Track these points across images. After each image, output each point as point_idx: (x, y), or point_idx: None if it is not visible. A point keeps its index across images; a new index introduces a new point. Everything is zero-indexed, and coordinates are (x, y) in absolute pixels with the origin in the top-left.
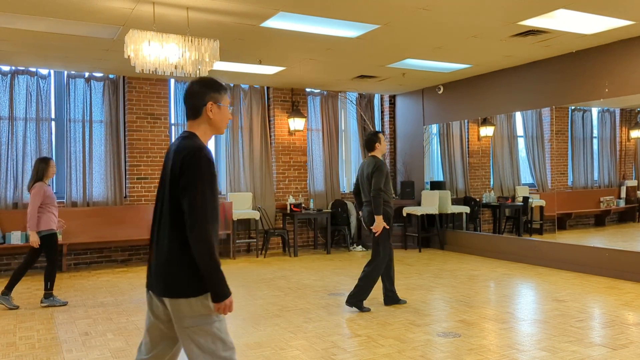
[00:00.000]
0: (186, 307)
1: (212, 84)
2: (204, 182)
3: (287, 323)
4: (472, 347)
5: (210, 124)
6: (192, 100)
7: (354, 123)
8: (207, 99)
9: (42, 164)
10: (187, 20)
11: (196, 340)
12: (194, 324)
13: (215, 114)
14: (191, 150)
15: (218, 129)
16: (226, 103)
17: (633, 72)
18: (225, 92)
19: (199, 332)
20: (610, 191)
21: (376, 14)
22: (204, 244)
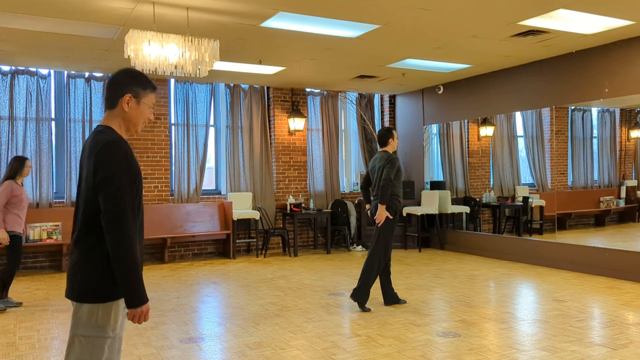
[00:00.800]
0: (86, 313)
1: (137, 77)
2: (120, 177)
3: (287, 323)
4: (472, 347)
5: (124, 118)
6: (111, 88)
7: (354, 123)
8: (126, 90)
9: (16, 163)
10: (187, 20)
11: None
12: (86, 332)
13: (131, 108)
14: (105, 144)
15: (132, 126)
16: (148, 102)
17: (633, 72)
18: (151, 90)
19: (87, 344)
20: (610, 191)
21: (376, 14)
22: (120, 242)
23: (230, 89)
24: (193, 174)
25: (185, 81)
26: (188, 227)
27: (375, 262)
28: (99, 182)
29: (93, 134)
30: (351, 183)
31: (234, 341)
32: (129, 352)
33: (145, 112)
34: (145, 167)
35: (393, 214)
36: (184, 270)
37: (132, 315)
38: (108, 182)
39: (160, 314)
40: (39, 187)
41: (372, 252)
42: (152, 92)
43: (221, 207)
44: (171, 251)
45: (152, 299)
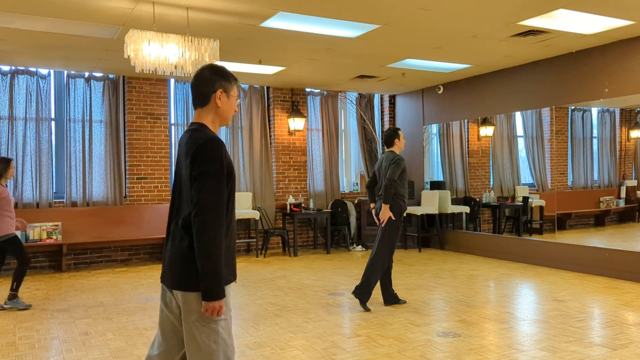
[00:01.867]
0: (196, 301)
1: (223, 71)
2: (215, 176)
3: (287, 323)
4: (472, 347)
5: (218, 113)
6: (202, 86)
7: (354, 123)
8: (217, 86)
9: (1, 164)
10: (187, 20)
11: (198, 337)
12: (200, 319)
13: (223, 103)
14: (203, 142)
15: (225, 120)
16: (235, 94)
17: (633, 72)
18: (235, 82)
19: (203, 328)
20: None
21: (376, 14)
22: (206, 237)
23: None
24: None
25: (185, 81)
26: None
27: (380, 261)
28: (194, 177)
29: (189, 131)
30: (351, 183)
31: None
32: (129, 352)
33: (234, 104)
34: (145, 167)
35: (397, 214)
36: None
37: (206, 308)
38: (202, 179)
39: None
40: (39, 187)
41: (376, 252)
42: (236, 84)
43: None
44: None
45: (152, 299)
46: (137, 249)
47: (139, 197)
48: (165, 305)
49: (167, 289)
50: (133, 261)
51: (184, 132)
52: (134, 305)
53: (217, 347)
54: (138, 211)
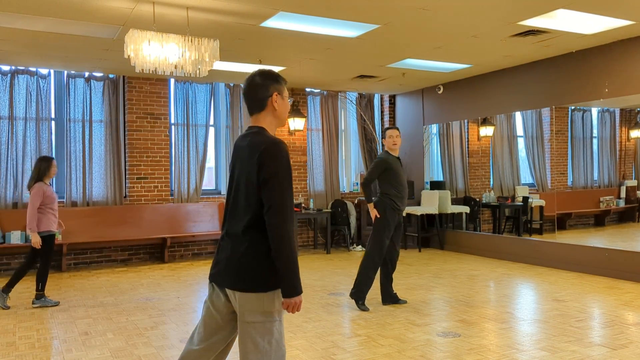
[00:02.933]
0: (255, 301)
1: (273, 75)
2: (284, 177)
3: (287, 323)
4: (472, 347)
5: (275, 115)
6: (257, 92)
7: (354, 123)
8: (271, 90)
9: (43, 163)
10: (187, 20)
11: (254, 337)
12: (257, 319)
13: (280, 105)
14: (269, 145)
15: (282, 121)
16: (287, 95)
17: (633, 72)
18: (285, 83)
19: (260, 329)
20: (610, 191)
21: (376, 14)
22: (283, 236)
23: (230, 88)
24: (193, 174)
25: (185, 81)
26: (188, 227)
27: (370, 260)
28: (263, 179)
29: (251, 134)
30: (351, 183)
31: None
32: (129, 352)
33: (288, 104)
34: (145, 167)
35: (382, 212)
36: (184, 270)
37: (287, 304)
38: (273, 180)
39: (160, 313)
40: None
41: (366, 251)
42: (286, 84)
43: (221, 207)
44: (171, 251)
45: (152, 299)
46: (137, 249)
47: (139, 197)
48: (212, 304)
49: (219, 289)
50: (133, 261)
51: (242, 136)
52: (134, 305)
53: (270, 347)
54: (138, 211)
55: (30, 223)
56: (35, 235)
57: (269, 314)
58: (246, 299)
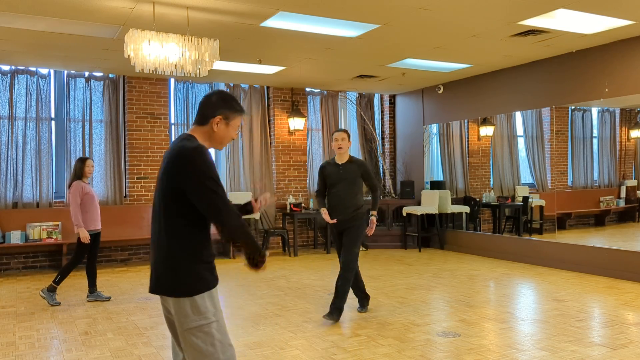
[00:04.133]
0: (185, 306)
1: (228, 100)
2: (208, 179)
3: (287, 323)
4: (472, 346)
5: (212, 137)
6: (205, 108)
7: (354, 123)
8: (218, 112)
9: (78, 163)
10: (187, 19)
11: (196, 343)
12: (192, 324)
13: (220, 129)
14: (186, 151)
15: (218, 144)
16: (235, 124)
17: (633, 72)
18: (239, 114)
19: (198, 333)
20: (610, 191)
21: (376, 13)
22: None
23: (230, 88)
24: None
25: (185, 81)
26: None
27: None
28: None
29: (177, 139)
30: None
31: (233, 341)
32: (129, 351)
33: (232, 133)
34: (145, 166)
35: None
36: None
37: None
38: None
39: (160, 313)
40: (39, 186)
41: None
42: (240, 115)
43: None
44: None
45: (152, 298)
46: (137, 248)
47: (139, 197)
48: (165, 311)
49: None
50: (133, 261)
51: (174, 140)
52: (134, 305)
53: (215, 349)
54: (138, 211)
55: (75, 219)
56: (82, 230)
57: (203, 317)
58: (177, 304)
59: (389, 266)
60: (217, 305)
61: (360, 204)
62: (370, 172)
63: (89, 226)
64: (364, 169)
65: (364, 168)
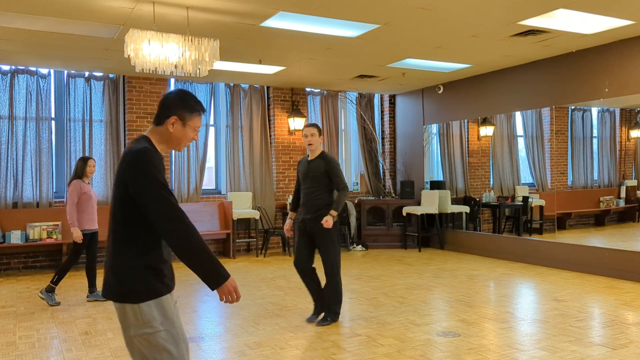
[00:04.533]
0: (131, 313)
1: (186, 100)
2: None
3: (287, 323)
4: (472, 346)
5: (168, 137)
6: (162, 107)
7: (354, 123)
8: (173, 112)
9: (80, 162)
10: (187, 19)
11: (142, 353)
12: (138, 332)
13: (176, 130)
14: (132, 153)
15: (174, 146)
16: (194, 125)
17: (633, 72)
18: (197, 114)
19: (144, 342)
20: (610, 191)
21: (376, 13)
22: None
23: (230, 88)
24: (193, 174)
25: (185, 81)
26: None
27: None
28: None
29: (132, 141)
30: (351, 183)
31: (233, 341)
32: None
33: (190, 134)
34: None
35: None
36: (184, 270)
37: (221, 294)
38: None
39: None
40: (39, 186)
41: None
42: (199, 116)
43: (221, 206)
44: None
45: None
46: None
47: None
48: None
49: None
50: None
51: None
52: None
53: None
54: None
55: (69, 218)
56: (76, 229)
57: (149, 326)
58: (123, 311)
59: (389, 266)
60: (167, 314)
61: (324, 204)
62: (335, 170)
63: (84, 226)
64: (330, 166)
65: (329, 165)
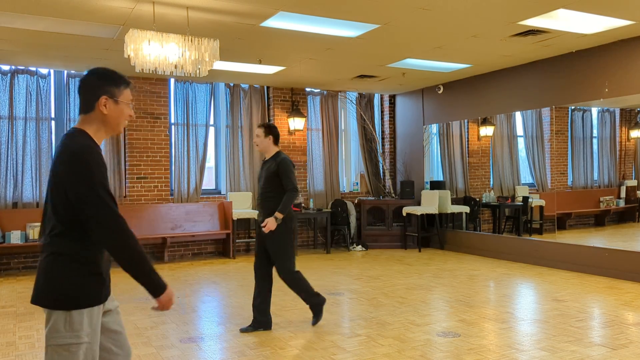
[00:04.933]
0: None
1: (109, 75)
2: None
3: (286, 323)
4: (472, 346)
5: (104, 121)
6: (85, 92)
7: (354, 123)
8: (100, 92)
9: None
10: (187, 19)
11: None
12: (58, 341)
13: (110, 110)
14: (69, 155)
15: (113, 128)
16: (126, 99)
17: (633, 72)
18: (125, 86)
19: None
20: (610, 191)
21: (376, 14)
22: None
23: (230, 88)
24: (193, 174)
25: (185, 81)
26: (188, 227)
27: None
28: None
29: (64, 136)
30: (351, 183)
31: (233, 341)
32: None
33: (125, 110)
34: (145, 166)
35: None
36: (184, 270)
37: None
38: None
39: (160, 313)
40: (39, 186)
41: None
42: (127, 88)
43: (221, 206)
44: (171, 251)
45: (152, 298)
46: None
47: (139, 197)
48: None
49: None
50: None
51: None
52: (133, 305)
53: None
54: (138, 211)
55: None
56: None
57: (75, 335)
58: (50, 316)
59: (388, 266)
60: (94, 325)
61: (275, 206)
62: (285, 171)
63: None
64: (281, 167)
65: (279, 166)
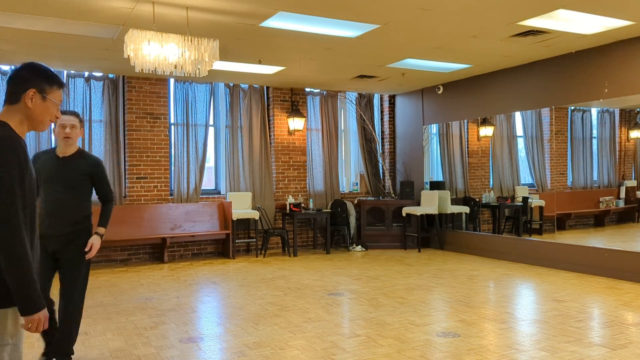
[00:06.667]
0: None
1: (42, 71)
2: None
3: (286, 323)
4: (472, 347)
5: (28, 115)
6: (13, 83)
7: (354, 123)
8: (30, 85)
9: None
10: (187, 19)
11: None
12: None
13: (35, 104)
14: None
15: (36, 125)
16: (55, 98)
17: (633, 72)
18: (57, 86)
19: None
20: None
21: (376, 14)
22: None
23: (229, 88)
24: (192, 174)
25: (185, 81)
26: (187, 227)
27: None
28: None
29: None
30: (351, 183)
31: (233, 341)
32: (128, 352)
33: (52, 109)
34: (144, 166)
35: None
36: (184, 270)
37: (28, 322)
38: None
39: (160, 313)
40: None
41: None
42: (59, 89)
43: (221, 206)
44: (170, 251)
45: (152, 298)
46: (136, 248)
47: (139, 197)
48: None
49: None
50: (132, 261)
51: None
52: (133, 305)
53: None
54: (137, 211)
55: None
56: None
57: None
58: None
59: (388, 266)
60: (19, 326)
61: (84, 216)
62: (104, 176)
63: None
64: (98, 169)
65: (98, 168)
